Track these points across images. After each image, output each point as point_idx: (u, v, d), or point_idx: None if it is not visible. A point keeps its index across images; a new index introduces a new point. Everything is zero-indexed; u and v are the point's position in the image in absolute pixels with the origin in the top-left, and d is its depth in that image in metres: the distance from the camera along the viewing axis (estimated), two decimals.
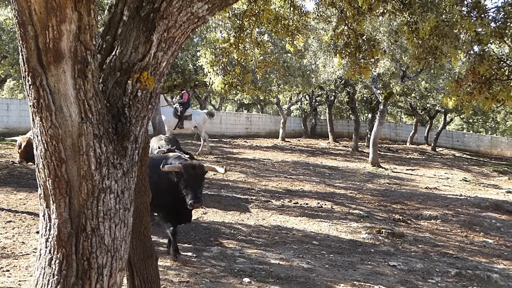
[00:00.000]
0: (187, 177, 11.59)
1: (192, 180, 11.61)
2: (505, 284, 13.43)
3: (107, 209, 4.19)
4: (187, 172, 11.62)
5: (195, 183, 11.66)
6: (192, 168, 11.72)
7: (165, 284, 10.34)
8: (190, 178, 11.60)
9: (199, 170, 11.83)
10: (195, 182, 11.65)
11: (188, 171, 11.64)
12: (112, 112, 4.34)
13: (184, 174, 11.60)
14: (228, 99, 65.30)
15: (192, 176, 11.63)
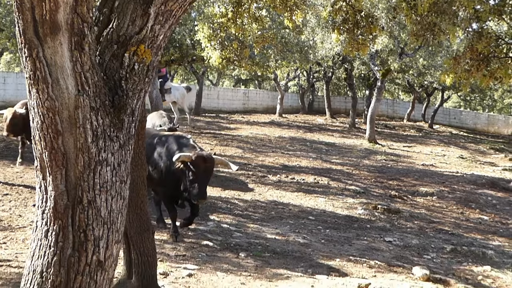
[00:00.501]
0: (196, 170, 10.91)
1: (201, 174, 10.96)
2: (499, 260, 13.49)
3: (103, 182, 4.19)
4: (197, 164, 10.93)
5: (204, 177, 11.06)
6: (203, 160, 11.01)
7: (161, 257, 10.37)
8: (199, 171, 10.93)
9: (210, 163, 11.18)
10: (203, 176, 11.05)
11: (199, 164, 10.94)
12: (109, 85, 4.33)
13: (194, 165, 10.93)
14: (226, 74, 65.13)
15: (201, 169, 10.96)
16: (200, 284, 9.35)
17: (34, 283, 4.23)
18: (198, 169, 10.88)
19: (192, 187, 10.97)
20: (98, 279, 4.20)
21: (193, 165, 10.89)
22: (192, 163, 10.89)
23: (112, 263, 4.31)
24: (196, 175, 10.90)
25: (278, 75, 45.47)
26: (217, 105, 50.27)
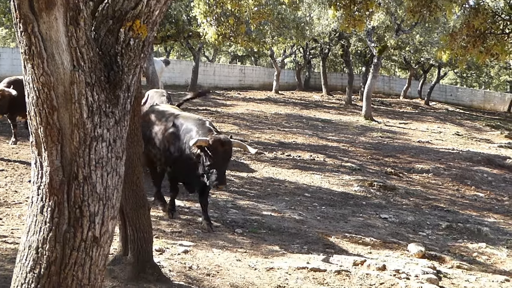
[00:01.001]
0: (214, 154, 10.35)
1: (219, 158, 10.40)
2: (495, 237, 13.53)
3: (99, 158, 4.18)
4: (215, 148, 10.35)
5: (222, 162, 10.53)
6: (221, 144, 10.43)
7: (157, 234, 10.39)
8: (217, 156, 10.37)
9: (228, 147, 10.59)
10: (222, 161, 10.50)
11: (217, 147, 10.36)
12: (105, 60, 4.31)
13: (211, 149, 10.35)
14: (222, 50, 65.07)
15: (219, 153, 10.40)
16: (195, 261, 9.38)
17: (30, 259, 4.24)
18: (216, 154, 10.35)
19: (210, 173, 10.41)
20: (93, 255, 4.20)
21: (211, 149, 10.34)
22: (209, 147, 10.33)
23: (107, 239, 4.31)
24: (214, 160, 10.36)
25: (275, 51, 45.40)
26: (213, 82, 50.29)
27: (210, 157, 10.34)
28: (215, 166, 10.37)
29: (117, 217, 4.50)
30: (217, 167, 10.38)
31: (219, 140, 10.43)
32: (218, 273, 8.97)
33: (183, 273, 8.74)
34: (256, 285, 8.68)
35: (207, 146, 10.33)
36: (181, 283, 8.22)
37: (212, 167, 10.39)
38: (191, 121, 11.35)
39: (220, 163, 10.42)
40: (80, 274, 4.18)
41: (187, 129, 11.16)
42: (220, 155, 10.40)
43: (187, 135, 11.04)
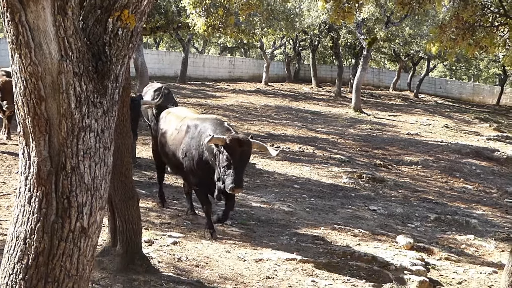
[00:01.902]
0: (231, 154, 9.47)
1: (236, 159, 9.48)
2: (483, 229, 13.58)
3: (87, 148, 4.16)
4: (232, 147, 9.48)
5: (239, 163, 9.57)
6: (239, 144, 9.54)
7: (146, 225, 10.38)
8: (234, 156, 9.48)
9: (247, 147, 9.71)
10: (239, 162, 9.55)
11: (234, 147, 9.48)
12: (93, 50, 4.29)
13: (228, 149, 9.48)
14: (211, 42, 64.90)
15: (237, 153, 9.50)
16: (185, 252, 9.38)
17: (17, 250, 4.22)
18: (233, 154, 9.46)
19: (226, 175, 9.50)
20: (81, 246, 4.19)
21: (228, 149, 9.47)
22: (226, 147, 9.48)
23: (96, 230, 4.29)
24: (230, 160, 9.46)
25: (264, 43, 45.33)
26: (203, 73, 50.25)
27: (226, 157, 9.48)
28: (232, 168, 9.46)
29: (105, 207, 4.48)
30: (234, 168, 9.46)
31: (237, 139, 9.56)
32: (207, 265, 8.98)
33: (172, 264, 8.74)
34: (245, 276, 8.69)
35: (224, 145, 9.49)
36: (170, 274, 8.22)
37: (228, 168, 9.49)
38: (208, 122, 10.50)
39: (237, 164, 9.48)
40: (68, 264, 4.16)
41: (203, 130, 10.29)
42: (238, 155, 9.50)
43: (204, 136, 10.05)
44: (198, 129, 10.43)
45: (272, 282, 8.59)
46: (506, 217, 15.34)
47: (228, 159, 9.44)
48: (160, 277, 7.94)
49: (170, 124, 11.42)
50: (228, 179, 9.42)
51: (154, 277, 7.80)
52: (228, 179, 9.42)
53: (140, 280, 7.60)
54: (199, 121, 10.65)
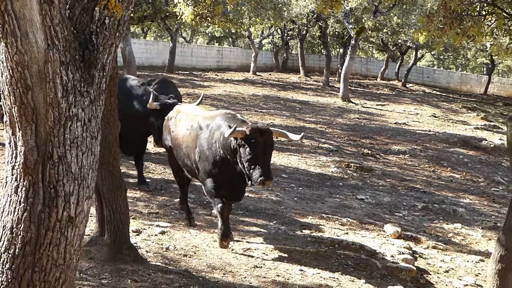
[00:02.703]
0: (253, 146, 8.80)
1: (260, 149, 8.81)
2: (470, 218, 13.64)
3: (74, 137, 4.15)
4: (254, 138, 8.82)
5: (264, 153, 8.92)
6: (260, 133, 8.90)
7: (134, 215, 10.37)
8: (257, 147, 8.81)
9: (268, 136, 9.07)
10: (264, 152, 8.90)
11: (256, 138, 8.82)
12: (79, 39, 4.27)
13: (250, 141, 8.81)
14: (199, 31, 64.79)
15: (260, 144, 8.84)
16: (172, 242, 9.38)
17: (4, 239, 4.21)
18: (256, 145, 8.79)
19: (252, 169, 8.79)
20: (68, 235, 4.18)
21: (249, 141, 8.81)
22: (247, 139, 8.81)
23: (83, 219, 4.28)
24: (254, 153, 8.77)
25: (252, 32, 45.31)
26: (191, 63, 50.18)
27: (249, 150, 8.78)
28: (257, 160, 8.78)
29: (92, 197, 4.48)
30: (260, 160, 8.78)
31: (257, 129, 8.94)
32: (195, 254, 8.98)
33: (160, 254, 8.74)
34: (233, 265, 8.70)
35: (244, 137, 8.80)
36: (158, 264, 8.22)
37: (253, 161, 8.78)
38: (219, 117, 9.76)
39: (261, 156, 8.83)
40: (55, 254, 4.16)
41: (215, 127, 9.58)
42: (261, 146, 8.84)
43: (217, 133, 9.47)
44: (210, 127, 9.66)
45: (260, 271, 8.61)
46: (493, 206, 15.41)
47: (252, 151, 8.76)
48: (148, 266, 7.94)
49: (181, 124, 10.49)
50: (255, 172, 8.72)
51: (142, 267, 7.80)
52: (256, 173, 8.72)
53: (128, 270, 7.59)
54: (209, 120, 9.84)
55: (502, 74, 76.51)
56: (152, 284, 7.32)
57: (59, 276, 4.21)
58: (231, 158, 9.22)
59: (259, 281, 8.18)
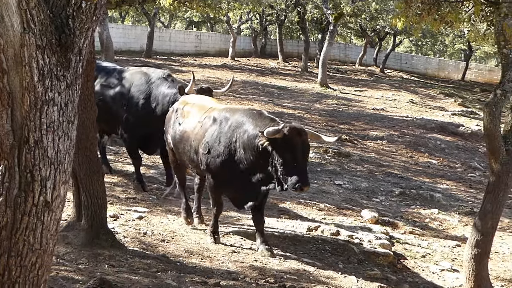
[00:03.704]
0: (291, 147, 8.09)
1: (298, 152, 8.11)
2: (447, 203, 13.73)
3: (50, 122, 4.12)
4: (292, 139, 8.08)
5: (303, 155, 8.23)
6: (298, 133, 8.16)
7: (111, 200, 10.35)
8: (296, 148, 8.11)
9: (306, 136, 8.31)
10: (301, 155, 8.19)
11: (294, 138, 8.09)
12: (56, 23, 4.23)
13: (287, 142, 8.07)
14: (178, 16, 64.54)
15: (298, 146, 8.12)
16: (150, 227, 9.38)
17: None
18: (294, 146, 8.08)
19: (286, 173, 8.07)
20: (45, 220, 4.16)
21: (286, 142, 8.05)
22: (284, 140, 8.04)
23: (59, 204, 4.26)
24: (292, 155, 8.06)
25: (231, 17, 45.23)
26: (169, 48, 50.02)
27: (286, 153, 8.07)
28: (294, 163, 8.09)
29: (69, 181, 4.45)
30: (298, 163, 8.10)
31: (295, 129, 8.18)
32: (173, 239, 8.99)
33: (137, 239, 8.74)
34: (210, 250, 8.71)
35: (282, 138, 8.04)
36: (135, 249, 8.22)
37: (290, 165, 8.08)
38: (241, 113, 8.95)
39: (300, 158, 8.14)
40: (31, 239, 4.14)
41: (236, 124, 8.76)
42: (299, 147, 8.13)
43: (238, 131, 8.68)
44: (229, 123, 8.82)
45: (238, 256, 8.63)
46: (470, 191, 15.53)
47: (289, 153, 8.07)
48: (126, 251, 7.94)
49: (190, 117, 9.57)
50: (292, 177, 8.02)
51: (119, 252, 7.80)
52: (292, 178, 8.02)
53: (105, 255, 7.58)
54: (228, 113, 9.01)
55: (480, 60, 76.91)
56: (130, 269, 7.31)
57: (35, 260, 4.19)
58: (256, 160, 8.44)
59: (236, 266, 8.20)
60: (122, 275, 6.92)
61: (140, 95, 11.60)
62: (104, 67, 12.44)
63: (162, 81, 11.66)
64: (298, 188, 8.03)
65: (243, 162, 8.59)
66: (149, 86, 11.64)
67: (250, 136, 8.44)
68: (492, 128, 7.31)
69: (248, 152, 8.48)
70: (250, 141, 8.41)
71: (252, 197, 8.91)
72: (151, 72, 12.04)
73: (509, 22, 7.48)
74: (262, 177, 8.56)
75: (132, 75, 12.07)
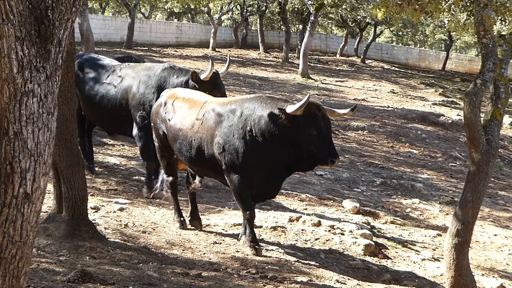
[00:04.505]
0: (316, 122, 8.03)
1: (323, 125, 8.08)
2: (428, 193, 13.80)
3: (30, 113, 4.10)
4: (314, 114, 8.07)
5: (327, 129, 8.17)
6: (317, 108, 8.14)
7: (92, 192, 10.33)
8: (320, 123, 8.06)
9: (324, 110, 8.25)
10: (327, 128, 8.16)
11: (316, 113, 8.08)
12: (35, 14, 4.21)
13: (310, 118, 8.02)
14: (158, 7, 64.29)
15: (321, 119, 8.09)
16: (131, 218, 9.37)
17: None
18: (318, 120, 8.04)
19: (318, 148, 8.01)
20: (25, 212, 4.14)
21: (309, 117, 8.00)
22: (306, 116, 7.99)
23: (39, 196, 4.24)
24: (318, 129, 8.00)
25: (212, 8, 45.14)
26: (150, 39, 49.85)
27: (312, 128, 8.00)
28: (322, 137, 8.05)
29: (49, 173, 4.44)
30: (324, 137, 8.06)
31: (314, 104, 8.15)
32: (154, 230, 8.99)
33: (118, 230, 8.73)
34: (192, 241, 8.72)
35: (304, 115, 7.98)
36: (116, 241, 8.21)
37: (318, 139, 8.02)
38: (250, 101, 8.66)
39: (325, 132, 8.09)
40: (11, 231, 4.12)
41: (248, 112, 8.45)
42: (322, 121, 8.09)
43: (251, 119, 8.37)
44: (238, 113, 8.48)
45: (219, 247, 8.64)
46: (451, 181, 15.61)
47: (315, 128, 8.00)
48: (107, 243, 7.92)
49: (183, 112, 9.11)
50: (322, 152, 8.00)
51: (100, 244, 7.78)
52: (322, 153, 8.00)
53: (86, 247, 7.57)
54: (234, 105, 8.66)
55: (460, 50, 77.27)
56: (111, 261, 7.30)
57: (15, 252, 4.17)
58: (278, 144, 8.24)
59: (218, 257, 8.21)
60: (103, 267, 6.91)
61: (150, 91, 10.98)
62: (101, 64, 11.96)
63: (169, 72, 11.17)
64: (330, 162, 8.01)
65: (264, 150, 8.30)
66: (156, 79, 11.09)
67: (267, 120, 8.21)
68: (472, 117, 7.34)
69: (268, 137, 8.24)
70: (268, 125, 8.21)
71: (278, 186, 8.84)
72: (154, 65, 11.63)
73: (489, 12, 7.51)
74: (288, 162, 8.40)
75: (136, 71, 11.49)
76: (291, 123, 8.01)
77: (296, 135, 8.07)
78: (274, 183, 8.67)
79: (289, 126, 8.04)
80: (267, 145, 8.26)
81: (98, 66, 11.80)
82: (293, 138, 8.11)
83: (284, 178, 8.84)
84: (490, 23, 7.43)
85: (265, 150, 8.28)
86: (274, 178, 8.58)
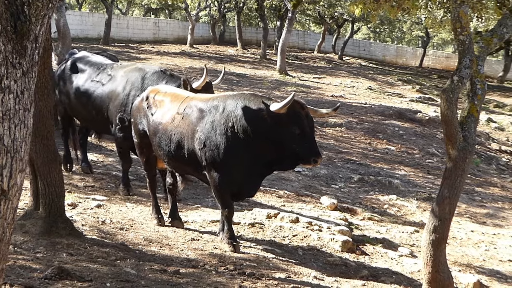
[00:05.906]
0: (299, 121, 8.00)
1: (306, 124, 8.05)
2: (405, 189, 13.85)
3: (6, 110, 4.07)
4: (298, 112, 8.04)
5: (310, 128, 8.14)
6: (300, 106, 8.12)
7: (69, 188, 10.29)
8: (303, 121, 8.03)
9: (307, 109, 8.24)
10: (310, 126, 8.12)
11: (299, 112, 8.06)
12: (11, 9, 4.18)
13: (294, 116, 7.98)
14: (135, 3, 64.08)
15: (305, 118, 8.06)
16: (109, 215, 9.34)
17: None
18: (301, 120, 8.02)
19: (301, 147, 7.98)
20: (1, 209, 4.11)
21: (293, 116, 7.97)
22: (290, 114, 7.96)
23: (16, 192, 4.22)
24: (301, 128, 7.97)
25: (189, 4, 45.06)
26: (127, 35, 49.69)
27: (293, 127, 7.96)
28: (305, 136, 8.02)
29: (26, 170, 4.41)
30: (307, 135, 8.05)
31: (297, 102, 8.15)
32: (132, 227, 8.96)
33: (96, 227, 8.69)
34: (170, 238, 8.70)
35: (287, 113, 7.96)
36: (94, 237, 8.18)
37: (301, 138, 7.98)
38: (233, 98, 8.57)
39: (308, 131, 8.06)
40: None
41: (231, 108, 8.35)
42: (305, 120, 8.05)
43: (233, 115, 8.29)
44: (221, 110, 8.37)
45: (197, 244, 8.63)
46: (428, 177, 15.68)
47: (298, 127, 7.97)
48: (84, 240, 7.89)
49: (165, 106, 8.98)
50: (304, 151, 7.99)
51: (77, 240, 7.75)
52: (304, 152, 7.99)
53: (63, 243, 7.53)
54: (217, 101, 8.56)
55: (437, 47, 77.60)
56: (88, 258, 7.28)
57: None
58: (260, 142, 8.16)
59: (196, 254, 8.21)
60: (81, 264, 6.88)
61: (135, 93, 10.70)
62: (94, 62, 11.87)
63: (159, 76, 10.97)
64: (313, 161, 8.04)
65: (245, 147, 8.22)
66: (144, 83, 10.88)
67: (250, 117, 8.14)
68: (449, 114, 7.36)
69: (250, 134, 8.15)
70: (250, 122, 8.12)
71: (258, 184, 8.85)
72: (146, 67, 11.44)
73: (465, 9, 7.54)
74: (270, 160, 8.33)
75: (126, 71, 11.35)
76: (274, 121, 7.99)
77: (278, 134, 8.03)
78: (254, 181, 8.63)
79: (272, 124, 8.01)
80: (249, 142, 8.18)
81: (90, 64, 11.76)
82: (275, 136, 8.06)
83: (265, 176, 8.84)
84: (467, 20, 7.46)
85: (246, 148, 8.21)
86: (255, 176, 8.52)
